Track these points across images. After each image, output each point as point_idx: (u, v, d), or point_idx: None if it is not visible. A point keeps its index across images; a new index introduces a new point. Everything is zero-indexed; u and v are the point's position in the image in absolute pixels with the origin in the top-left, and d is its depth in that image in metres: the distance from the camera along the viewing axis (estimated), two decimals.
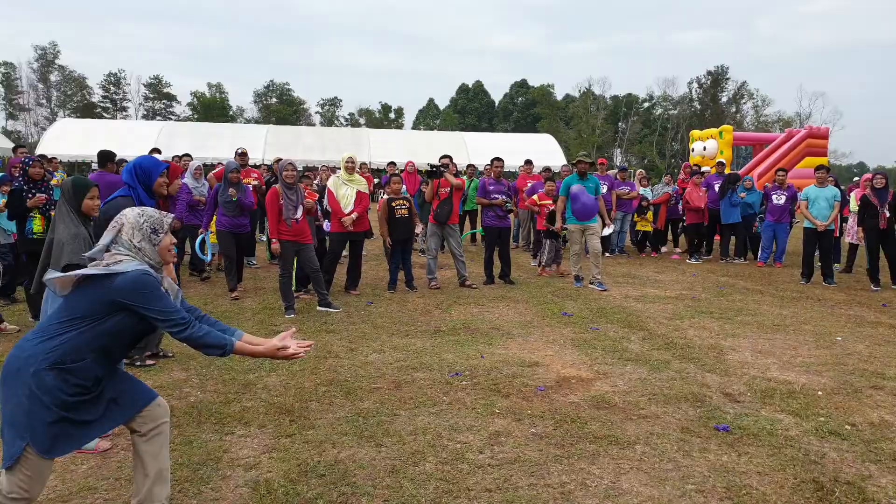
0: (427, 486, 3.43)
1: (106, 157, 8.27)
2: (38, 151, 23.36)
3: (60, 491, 3.32)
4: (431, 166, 9.27)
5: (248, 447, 3.89)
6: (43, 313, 3.78)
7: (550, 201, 10.72)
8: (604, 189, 11.86)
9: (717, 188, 12.69)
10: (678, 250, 14.00)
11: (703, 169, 14.64)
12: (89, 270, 2.63)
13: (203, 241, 8.74)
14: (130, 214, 2.81)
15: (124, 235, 2.75)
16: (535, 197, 11.35)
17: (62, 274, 2.66)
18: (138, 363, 5.45)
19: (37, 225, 6.71)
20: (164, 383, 4.99)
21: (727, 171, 14.85)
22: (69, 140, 26.95)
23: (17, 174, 8.34)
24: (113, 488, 3.35)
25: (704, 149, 21.48)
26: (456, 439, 4.04)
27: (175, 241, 3.18)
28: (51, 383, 2.53)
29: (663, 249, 13.99)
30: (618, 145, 74.19)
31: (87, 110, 70.07)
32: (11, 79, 70.58)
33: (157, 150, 12.11)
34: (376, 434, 4.09)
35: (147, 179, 4.45)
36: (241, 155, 10.56)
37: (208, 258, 8.80)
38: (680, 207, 13.27)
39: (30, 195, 7.17)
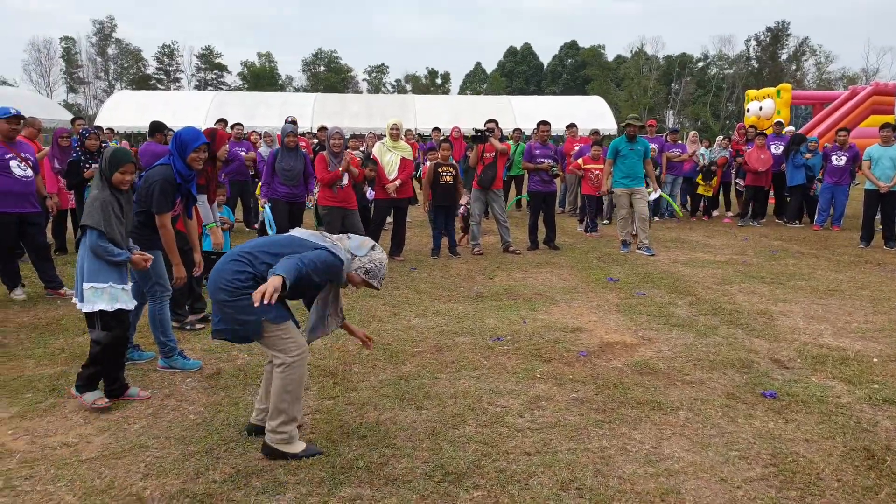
0: (466, 448, 3.46)
1: (155, 128, 8.48)
2: (97, 123, 24.05)
3: (114, 448, 3.47)
4: (477, 131, 9.19)
5: None
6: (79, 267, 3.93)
7: (596, 165, 10.52)
8: (654, 152, 11.59)
9: (772, 149, 12.25)
10: (730, 214, 13.63)
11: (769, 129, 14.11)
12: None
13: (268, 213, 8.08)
14: None
15: None
16: (579, 161, 11.15)
17: None
18: (188, 327, 5.61)
19: None
20: (213, 346, 5.14)
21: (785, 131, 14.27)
22: (125, 111, 27.63)
23: (67, 144, 8.63)
24: (163, 447, 3.49)
25: (760, 109, 20.70)
26: (496, 403, 4.06)
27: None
28: None
29: (715, 213, 13.63)
30: (670, 107, 72.18)
31: (143, 82, 71.66)
32: (72, 53, 72.56)
33: (224, 121, 12.08)
34: (417, 397, 4.14)
35: (182, 151, 4.53)
36: (292, 123, 10.64)
37: (273, 232, 7.78)
38: (732, 171, 12.87)
39: (86, 166, 7.39)
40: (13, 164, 6.40)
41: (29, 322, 5.87)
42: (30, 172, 6.55)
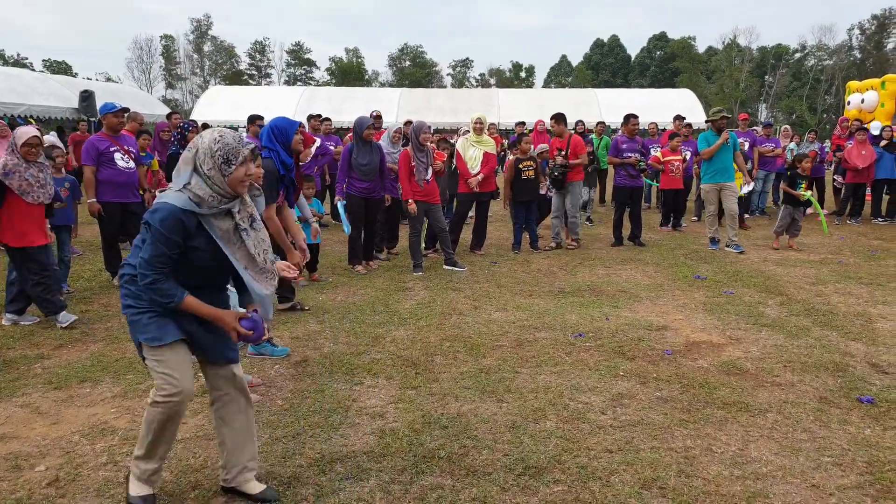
0: (547, 443, 3.47)
1: (253, 118, 8.96)
2: (192, 117, 25.19)
3: (207, 430, 3.63)
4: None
5: (375, 397, 4.10)
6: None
7: (675, 157, 10.20)
8: (745, 146, 11.15)
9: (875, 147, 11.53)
10: (825, 212, 12.94)
11: (872, 125, 13.27)
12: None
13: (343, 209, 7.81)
14: (207, 138, 2.66)
15: (198, 161, 2.63)
16: (657, 154, 10.79)
17: None
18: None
19: None
20: (300, 335, 5.33)
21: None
22: (219, 106, 28.77)
23: (168, 138, 9.13)
24: None
25: (862, 101, 19.48)
26: (577, 399, 4.04)
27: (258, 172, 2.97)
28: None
29: (808, 211, 12.98)
30: (763, 100, 69.06)
31: (236, 78, 74.57)
32: (171, 51, 76.34)
33: (318, 116, 12.26)
34: (498, 390, 4.17)
35: (285, 138, 4.71)
36: (376, 118, 10.74)
37: (348, 230, 7.59)
38: (825, 165, 12.17)
39: None
40: (117, 156, 6.82)
41: None
42: (132, 164, 6.97)
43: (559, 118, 9.30)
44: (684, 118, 12.33)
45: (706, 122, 9.36)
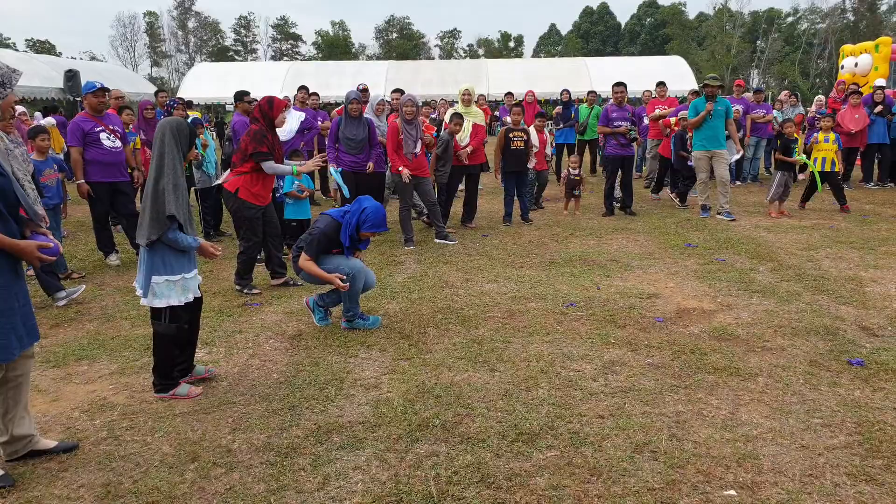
0: (539, 410, 3.50)
1: (238, 96, 8.80)
2: (178, 95, 24.91)
3: (204, 404, 3.68)
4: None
5: (369, 369, 4.12)
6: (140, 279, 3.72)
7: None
8: (739, 113, 11.11)
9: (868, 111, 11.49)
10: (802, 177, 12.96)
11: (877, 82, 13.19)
12: None
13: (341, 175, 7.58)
14: None
15: None
16: (672, 119, 10.68)
17: None
18: (245, 290, 5.83)
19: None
20: (294, 309, 5.34)
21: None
22: (205, 83, 28.46)
23: (151, 116, 9.03)
24: (249, 403, 3.67)
25: (856, 65, 19.45)
26: (569, 367, 4.07)
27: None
28: None
29: (800, 177, 13.00)
30: (755, 65, 68.72)
31: (221, 54, 73.69)
32: (155, 27, 75.23)
33: (305, 88, 11.85)
34: (490, 360, 4.20)
35: (363, 227, 4.80)
36: (363, 91, 10.64)
37: (347, 193, 7.30)
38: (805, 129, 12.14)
39: None
40: (103, 136, 6.75)
41: (123, 286, 6.23)
42: (118, 144, 6.90)
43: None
44: (697, 91, 12.19)
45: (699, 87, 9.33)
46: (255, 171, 5.68)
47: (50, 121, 12.57)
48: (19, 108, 9.30)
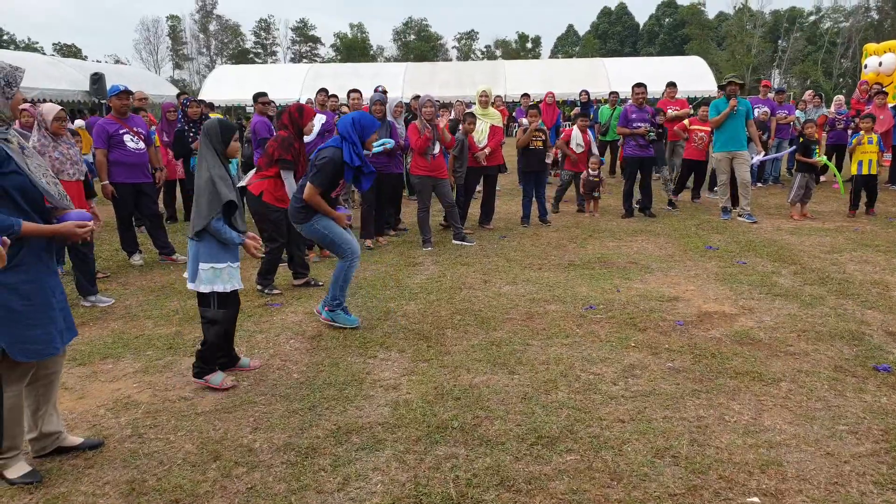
0: (559, 413, 3.49)
1: (257, 96, 8.90)
2: (200, 97, 25.12)
3: (226, 403, 3.71)
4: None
5: (388, 370, 4.13)
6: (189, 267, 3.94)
7: (703, 127, 10.07)
8: (758, 113, 10.99)
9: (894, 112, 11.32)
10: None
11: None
12: None
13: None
14: None
15: None
16: (685, 122, 10.64)
17: None
18: (266, 291, 5.87)
19: None
20: (314, 310, 5.36)
21: None
22: (226, 85, 28.64)
23: (174, 118, 9.13)
24: (269, 403, 3.70)
25: (880, 64, 19.10)
26: (588, 370, 4.05)
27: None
28: None
29: (822, 178, 12.84)
30: (776, 65, 67.96)
31: (241, 56, 74.26)
32: (177, 31, 76.02)
33: (325, 91, 11.92)
34: (509, 362, 4.19)
35: (364, 133, 4.76)
36: (382, 93, 10.68)
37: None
38: (848, 132, 11.97)
39: (190, 134, 7.76)
40: (126, 137, 6.83)
41: (146, 285, 6.30)
42: (142, 145, 6.98)
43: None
44: (675, 84, 12.05)
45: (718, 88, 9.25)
46: (279, 176, 5.76)
47: (80, 123, 12.76)
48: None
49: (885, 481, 2.82)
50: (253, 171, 6.45)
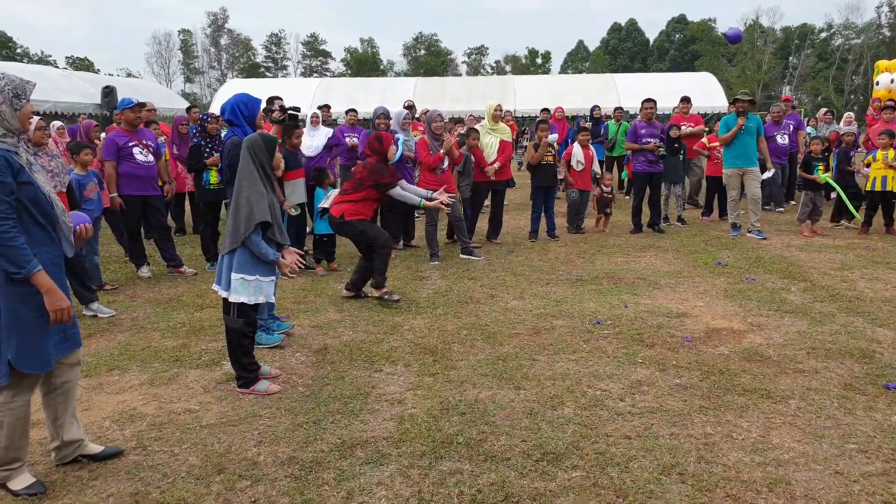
0: (565, 429, 3.46)
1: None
2: (210, 110, 25.29)
3: (231, 416, 3.71)
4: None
5: (394, 384, 4.12)
6: (219, 272, 4.08)
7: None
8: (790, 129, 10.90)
9: None
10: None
11: None
12: None
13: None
14: None
15: None
16: (704, 140, 10.63)
17: None
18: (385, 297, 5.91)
19: (213, 177, 7.39)
20: (320, 323, 5.36)
21: None
22: None
23: (185, 131, 9.19)
24: (275, 416, 3.69)
25: (892, 81, 19.03)
26: (595, 386, 4.02)
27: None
28: None
29: (833, 195, 12.75)
30: (787, 82, 67.85)
31: (252, 70, 74.90)
32: (188, 45, 76.84)
33: (327, 107, 11.89)
34: (515, 377, 4.17)
35: (250, 113, 4.91)
36: (409, 108, 10.73)
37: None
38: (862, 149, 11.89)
39: (206, 150, 7.81)
40: (136, 150, 6.89)
41: (154, 298, 6.32)
42: (151, 158, 7.04)
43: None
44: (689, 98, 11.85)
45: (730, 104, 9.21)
46: (364, 200, 5.99)
47: (58, 123, 12.83)
48: (57, 123, 9.50)
49: (894, 501, 2.78)
50: (335, 192, 6.68)
